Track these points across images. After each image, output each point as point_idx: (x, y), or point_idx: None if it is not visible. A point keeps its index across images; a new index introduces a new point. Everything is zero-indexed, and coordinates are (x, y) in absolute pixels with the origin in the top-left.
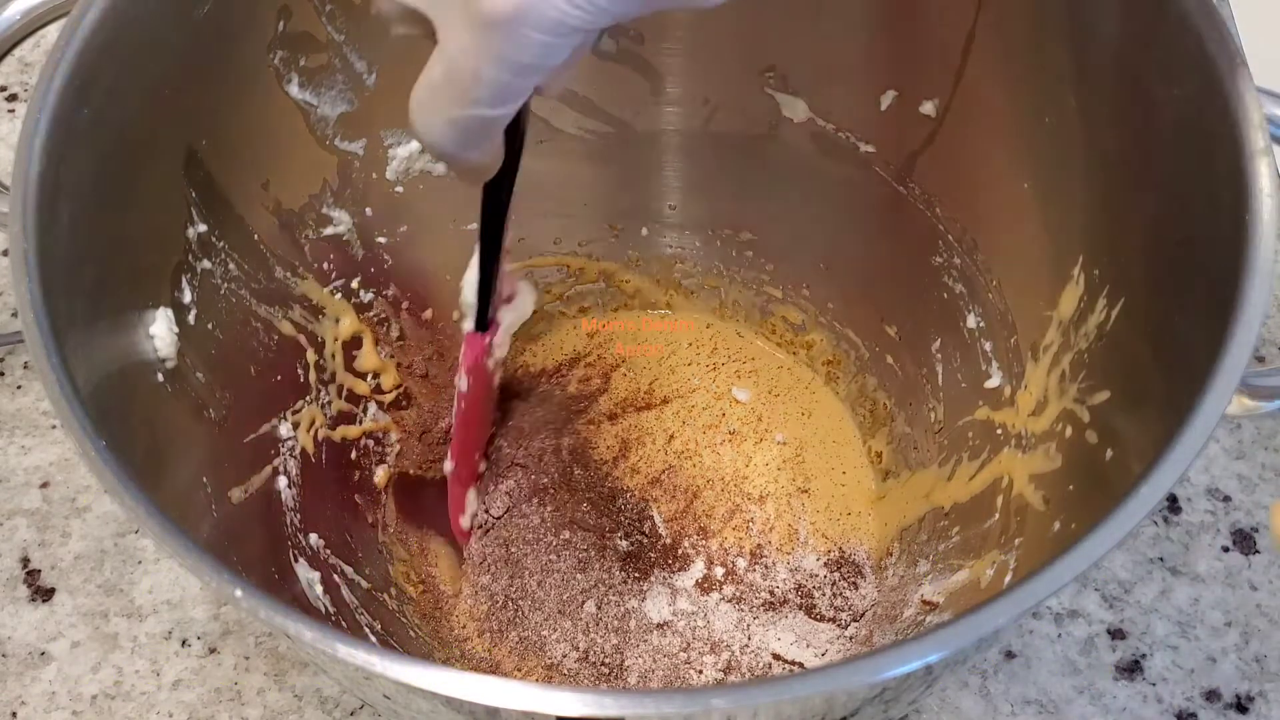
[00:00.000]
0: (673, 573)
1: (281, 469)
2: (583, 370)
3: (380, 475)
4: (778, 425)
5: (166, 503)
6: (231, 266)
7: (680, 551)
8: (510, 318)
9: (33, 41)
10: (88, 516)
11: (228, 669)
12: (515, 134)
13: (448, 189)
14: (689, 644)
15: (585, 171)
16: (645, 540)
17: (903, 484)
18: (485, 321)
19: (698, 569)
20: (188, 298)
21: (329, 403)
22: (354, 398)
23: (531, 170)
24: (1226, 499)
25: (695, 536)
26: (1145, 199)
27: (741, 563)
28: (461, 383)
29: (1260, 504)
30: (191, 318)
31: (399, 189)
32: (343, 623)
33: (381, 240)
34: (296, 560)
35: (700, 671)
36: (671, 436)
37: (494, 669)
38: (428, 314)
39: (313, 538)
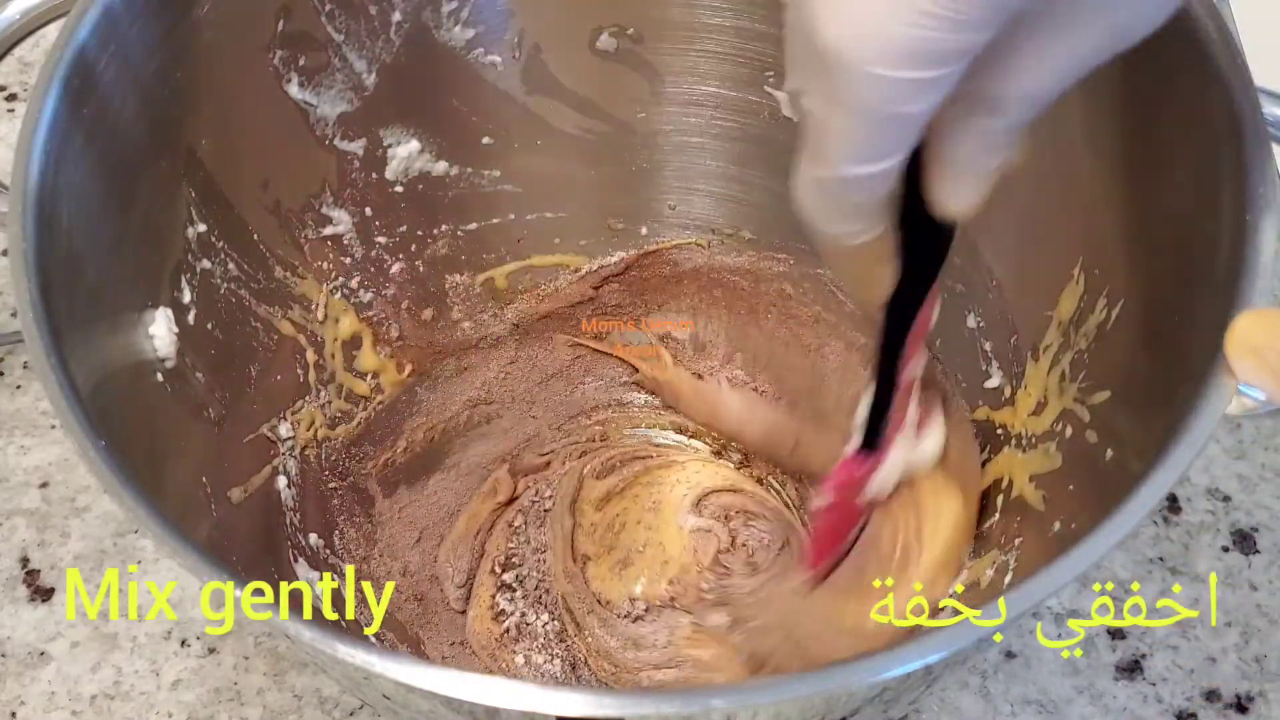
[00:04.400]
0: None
1: (281, 469)
2: None
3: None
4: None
5: (166, 503)
6: (231, 266)
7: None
8: (907, 454)
9: (33, 41)
10: (87, 516)
11: (227, 669)
12: (918, 256)
13: (447, 189)
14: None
15: (585, 171)
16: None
17: None
18: (873, 442)
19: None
20: (187, 298)
21: (329, 403)
22: (354, 398)
23: (531, 169)
24: (1226, 499)
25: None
26: (1145, 199)
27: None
28: (819, 500)
29: (1260, 504)
30: (191, 318)
31: (399, 189)
32: (342, 623)
33: (381, 240)
34: (296, 560)
35: None
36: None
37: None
38: (428, 314)
39: (313, 538)
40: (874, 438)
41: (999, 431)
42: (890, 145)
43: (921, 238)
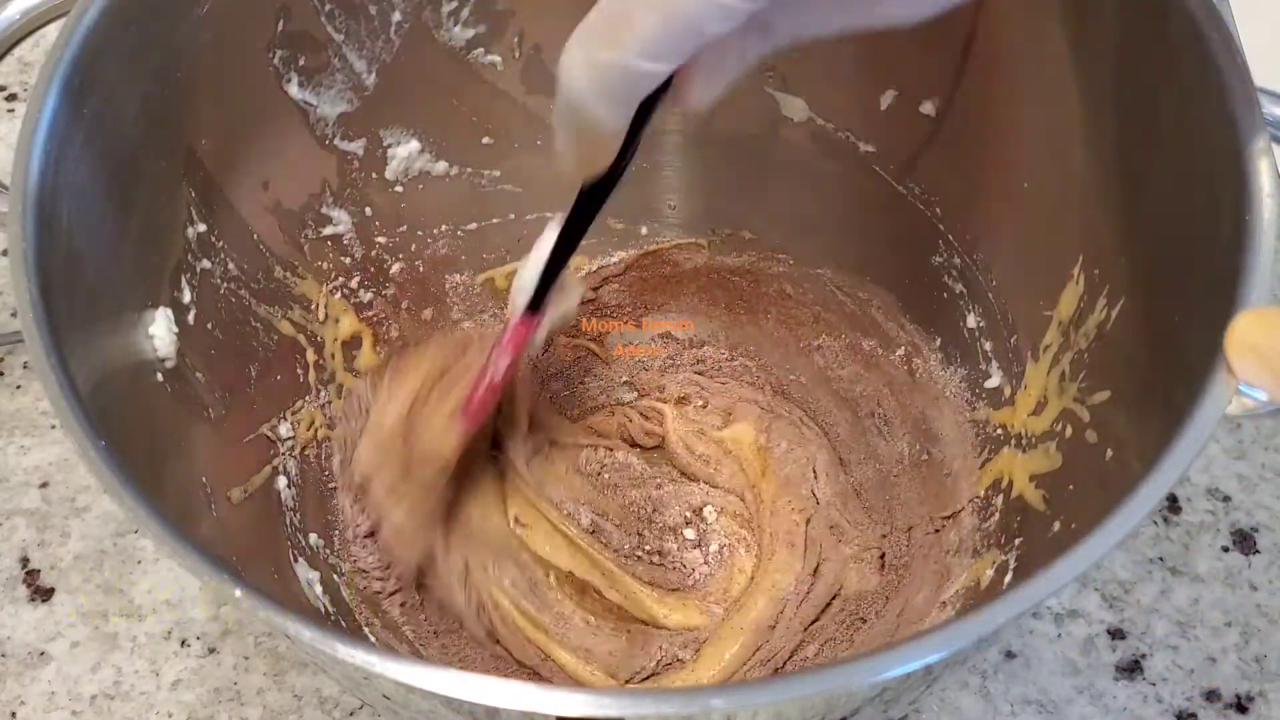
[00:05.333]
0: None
1: (281, 469)
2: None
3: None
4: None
5: (166, 503)
6: (231, 266)
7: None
8: (558, 310)
9: (33, 41)
10: (87, 516)
11: (227, 669)
12: (632, 137)
13: (447, 189)
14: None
15: None
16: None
17: None
18: (539, 303)
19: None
20: (187, 298)
21: (329, 403)
22: (353, 398)
23: (531, 169)
24: (1226, 499)
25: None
26: (1145, 199)
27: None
28: (500, 359)
29: (1260, 504)
30: (191, 318)
31: (399, 189)
32: (342, 623)
33: (381, 240)
34: (296, 560)
35: None
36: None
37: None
38: (428, 314)
39: (313, 537)
40: (540, 300)
41: (999, 431)
42: (681, 50)
43: (638, 127)
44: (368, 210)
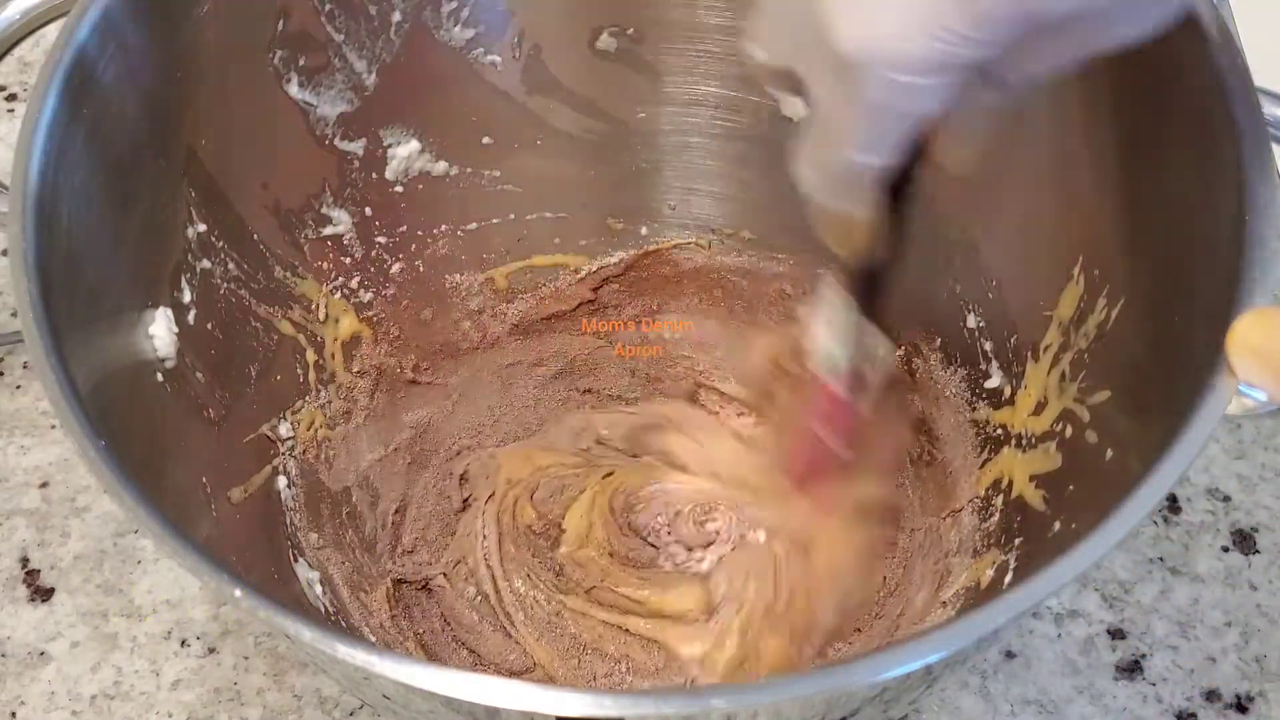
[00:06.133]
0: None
1: (281, 469)
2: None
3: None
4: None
5: (166, 503)
6: (231, 266)
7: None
8: (866, 360)
9: (32, 41)
10: (87, 516)
11: (227, 669)
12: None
13: (447, 189)
14: None
15: (585, 171)
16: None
17: None
18: (842, 365)
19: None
20: (187, 298)
21: (329, 403)
22: (353, 398)
23: (532, 170)
24: (1226, 499)
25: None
26: (1145, 200)
27: None
28: (823, 429)
29: (1260, 504)
30: (191, 318)
31: (399, 189)
32: (342, 623)
33: (381, 240)
34: (296, 560)
35: None
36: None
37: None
38: (427, 314)
39: (313, 537)
40: (845, 361)
41: (999, 431)
42: (893, 138)
43: (902, 199)
44: (368, 210)
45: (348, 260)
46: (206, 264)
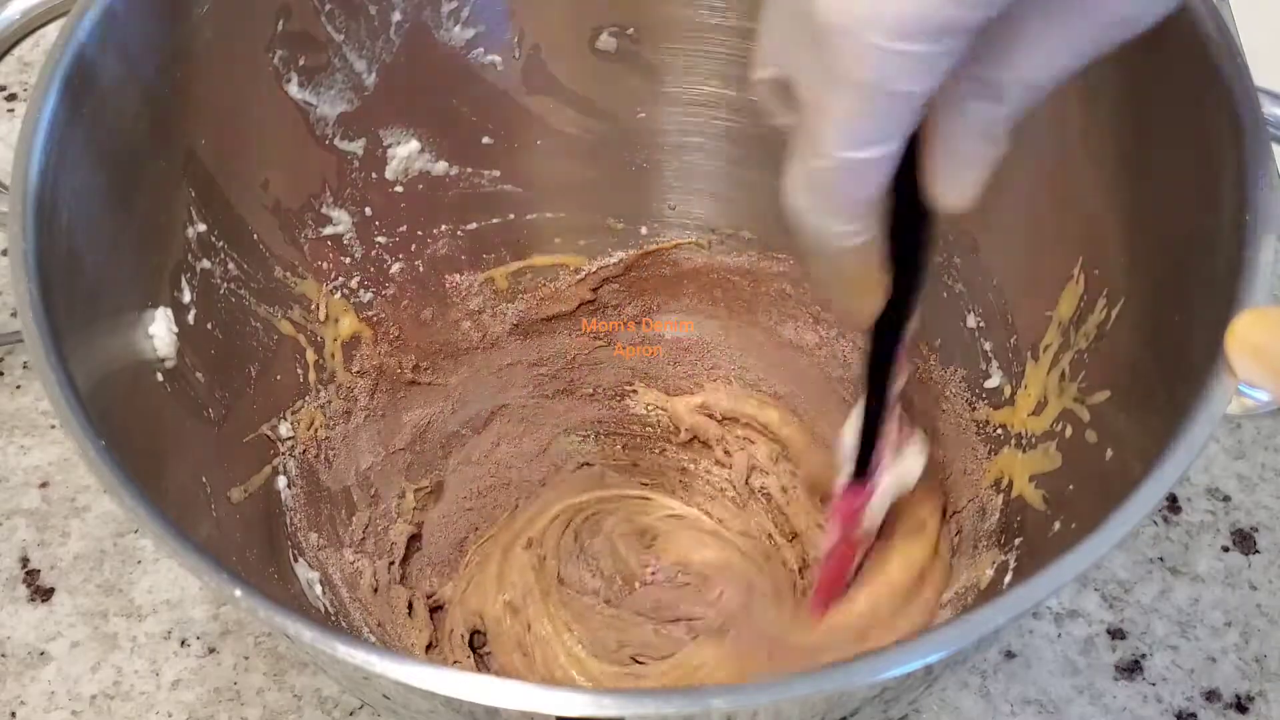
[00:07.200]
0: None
1: (281, 469)
2: None
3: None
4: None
5: (166, 503)
6: (231, 266)
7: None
8: (892, 480)
9: (32, 41)
10: (87, 516)
11: (227, 669)
12: (906, 259)
13: (447, 189)
14: None
15: (585, 171)
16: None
17: None
18: (864, 470)
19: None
20: (187, 298)
21: (329, 403)
22: (353, 398)
23: (531, 170)
24: (1226, 499)
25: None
26: (1145, 199)
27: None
28: (828, 538)
29: (1260, 504)
30: (191, 318)
31: (399, 189)
32: (342, 623)
33: (381, 240)
34: (296, 560)
35: None
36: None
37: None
38: (427, 314)
39: (313, 537)
40: (866, 463)
41: (999, 431)
42: (888, 126)
43: (912, 243)
44: (368, 210)
45: (348, 260)
46: (206, 264)
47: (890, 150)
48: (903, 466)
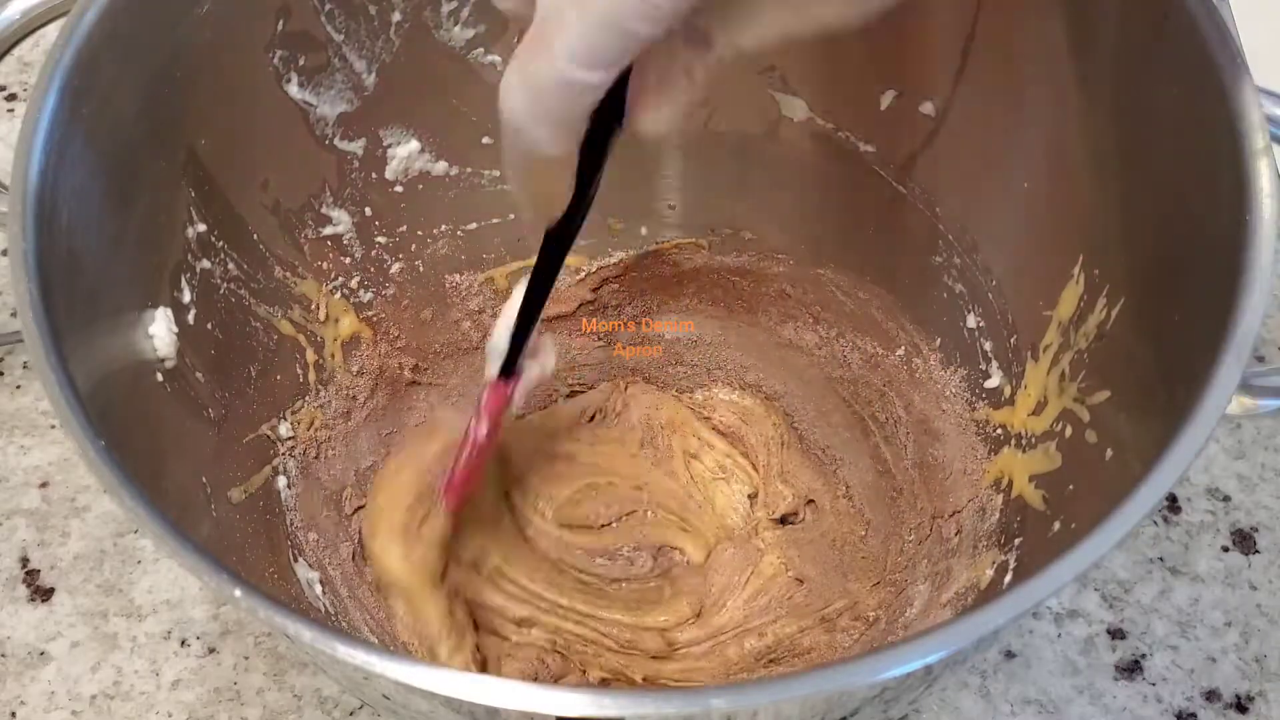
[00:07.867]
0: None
1: (281, 469)
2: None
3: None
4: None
5: (166, 503)
6: (231, 266)
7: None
8: (534, 372)
9: (32, 41)
10: (87, 516)
11: (227, 669)
12: (588, 173)
13: (447, 189)
14: None
15: None
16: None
17: None
18: (511, 368)
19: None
20: (187, 298)
21: (329, 403)
22: (353, 398)
23: None
24: (1226, 499)
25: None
26: (1145, 199)
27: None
28: (481, 428)
29: (1260, 504)
30: (191, 318)
31: (398, 189)
32: (342, 623)
33: (381, 240)
34: (296, 560)
35: None
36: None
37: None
38: (427, 314)
39: (313, 537)
40: (514, 362)
41: (999, 431)
42: (615, 56)
43: (595, 164)
44: (368, 210)
45: (348, 260)
46: (206, 264)
47: (608, 77)
48: (543, 356)
